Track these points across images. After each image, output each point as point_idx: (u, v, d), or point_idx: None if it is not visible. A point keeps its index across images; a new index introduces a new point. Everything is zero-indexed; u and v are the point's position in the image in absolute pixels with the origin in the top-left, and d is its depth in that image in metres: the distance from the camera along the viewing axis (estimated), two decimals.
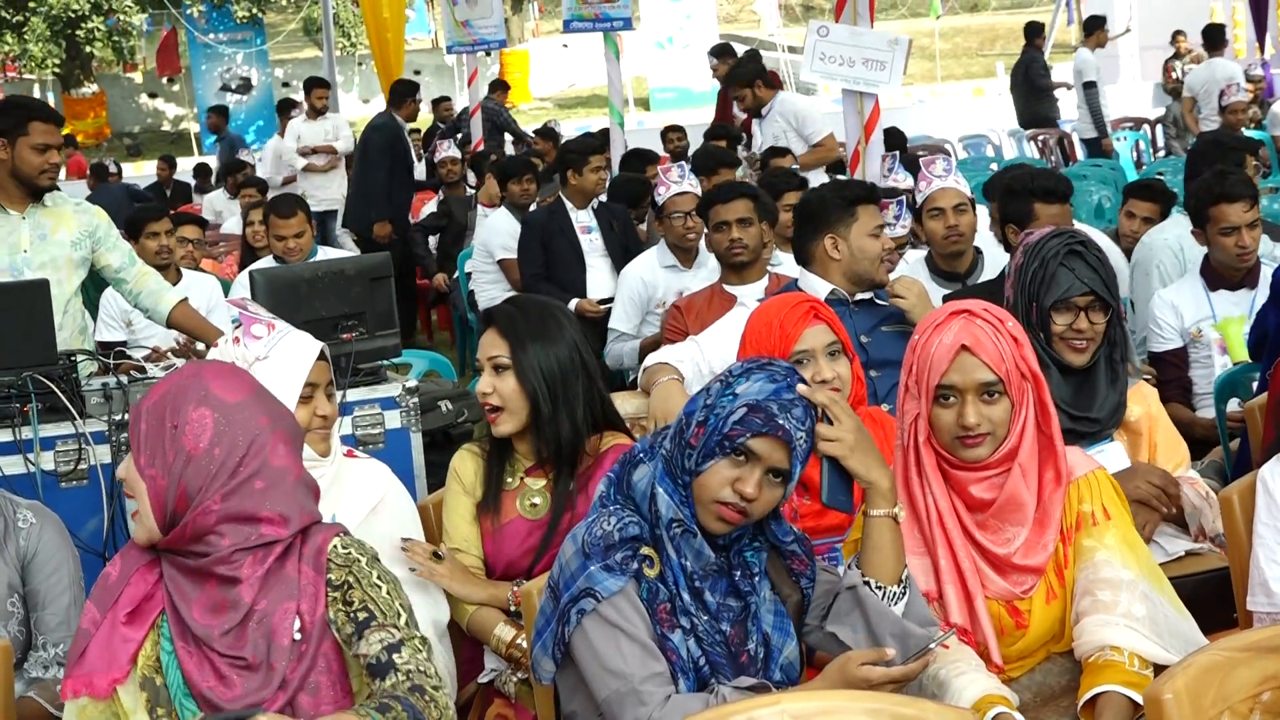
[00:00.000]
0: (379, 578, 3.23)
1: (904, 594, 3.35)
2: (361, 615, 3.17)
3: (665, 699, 3.19)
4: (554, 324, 4.24)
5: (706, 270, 7.82)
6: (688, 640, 3.29)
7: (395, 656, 3.10)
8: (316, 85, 16.55)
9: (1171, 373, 6.23)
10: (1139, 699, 3.32)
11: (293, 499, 3.19)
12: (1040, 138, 18.34)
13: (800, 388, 3.28)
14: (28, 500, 4.24)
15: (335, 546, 3.22)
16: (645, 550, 3.28)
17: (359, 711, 2.86)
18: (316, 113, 16.32)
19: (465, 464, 4.42)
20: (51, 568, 4.10)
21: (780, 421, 3.23)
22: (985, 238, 7.17)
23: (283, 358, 4.02)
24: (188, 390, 3.15)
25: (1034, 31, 19.03)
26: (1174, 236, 7.29)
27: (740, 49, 16.19)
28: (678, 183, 8.24)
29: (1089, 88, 16.99)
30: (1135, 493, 4.20)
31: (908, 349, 3.59)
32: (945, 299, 6.08)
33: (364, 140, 14.14)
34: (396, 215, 13.36)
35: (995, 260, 6.73)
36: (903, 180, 7.99)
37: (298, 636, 3.13)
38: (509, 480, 4.33)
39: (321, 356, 4.11)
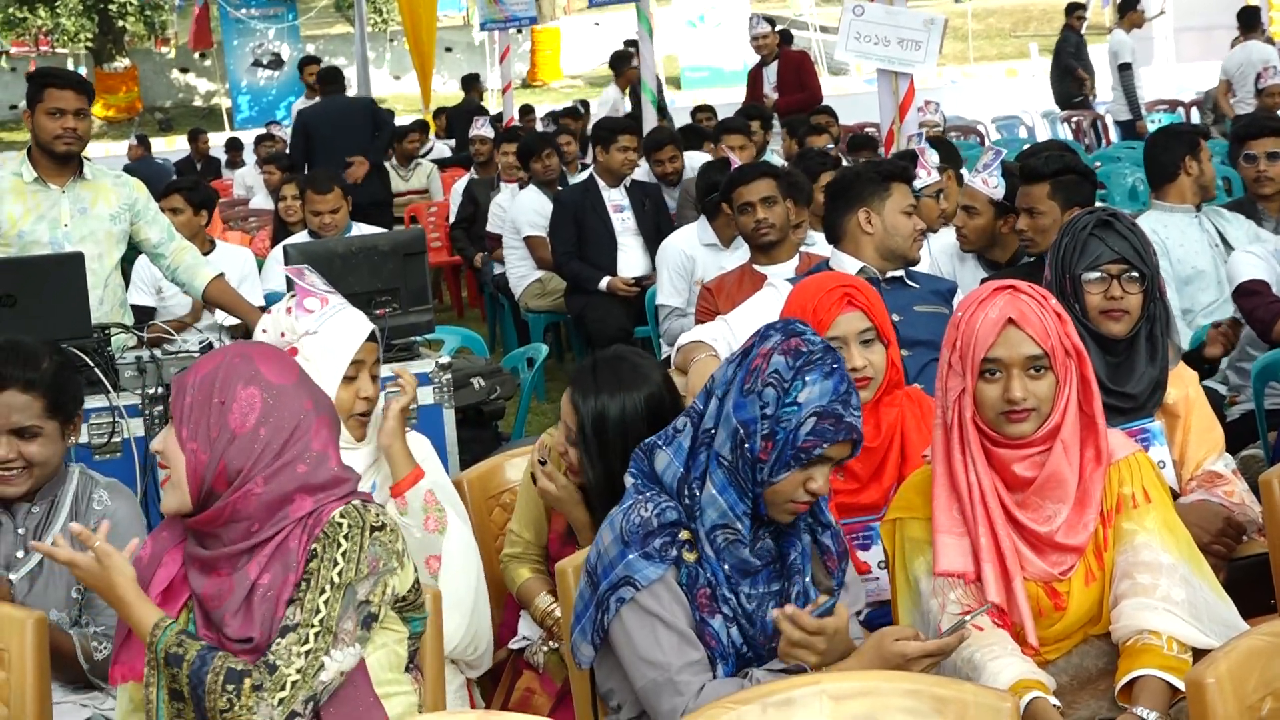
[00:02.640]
0: (344, 555, 3.15)
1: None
2: (304, 586, 3.12)
3: (701, 688, 3.19)
4: (629, 376, 4.06)
5: (745, 250, 7.79)
6: (729, 626, 3.29)
7: (279, 641, 3.08)
8: (311, 63, 16.47)
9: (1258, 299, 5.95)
10: (1176, 683, 3.30)
11: (327, 480, 3.20)
12: (1074, 119, 18.25)
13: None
14: (107, 479, 4.26)
15: (334, 516, 3.18)
16: (684, 535, 3.28)
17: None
18: (314, 91, 16.23)
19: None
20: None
21: (849, 420, 3.24)
22: None
23: (332, 334, 4.01)
24: (237, 368, 3.14)
25: (1073, 9, 18.90)
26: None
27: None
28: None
29: (1124, 70, 16.89)
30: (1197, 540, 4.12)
31: (949, 325, 3.56)
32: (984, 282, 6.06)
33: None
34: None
35: None
36: (932, 168, 7.93)
37: None
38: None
39: (371, 337, 4.09)
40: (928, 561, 3.53)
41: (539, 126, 18.14)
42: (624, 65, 14.70)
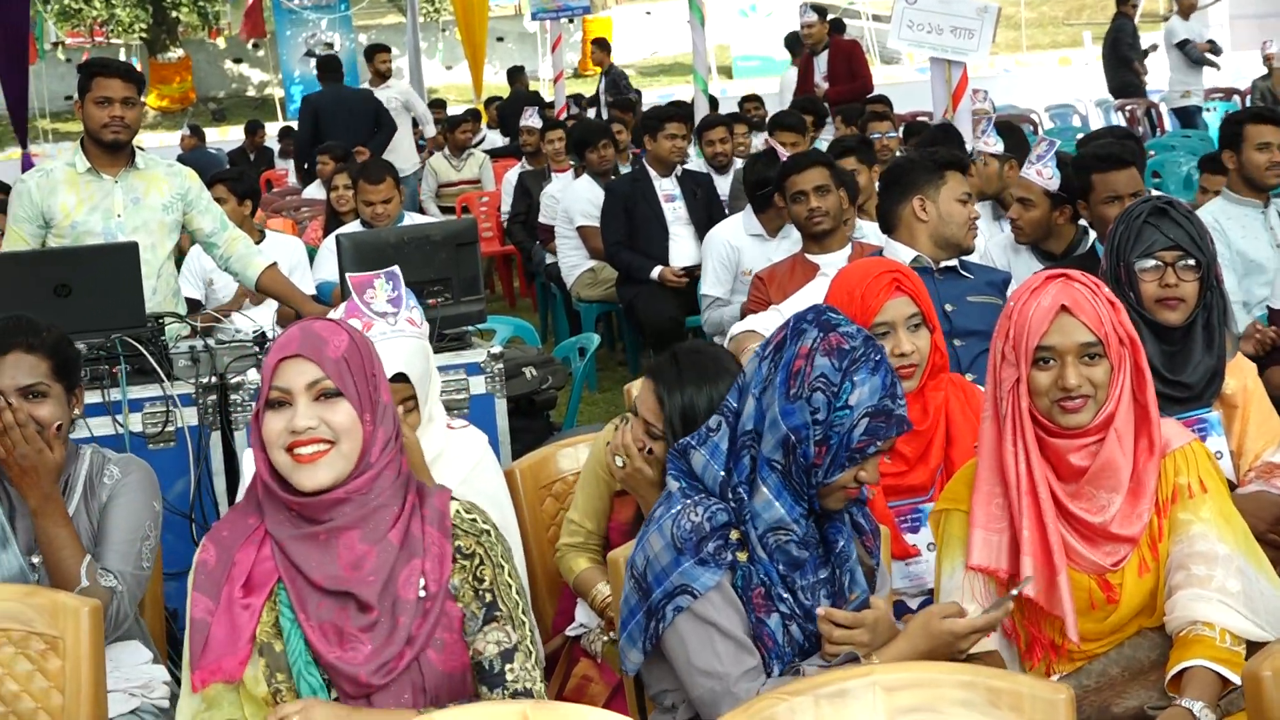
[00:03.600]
0: (502, 556, 3.26)
1: None
2: (488, 598, 3.20)
3: (757, 695, 3.18)
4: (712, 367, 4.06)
5: (790, 241, 7.76)
6: (787, 624, 3.28)
7: (507, 668, 3.18)
8: (378, 51, 16.52)
9: None
10: (1229, 675, 3.28)
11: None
12: (1128, 108, 18.14)
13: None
14: (121, 456, 4.26)
15: (459, 512, 3.25)
16: (734, 535, 3.26)
17: None
18: (381, 78, 16.28)
19: None
20: (115, 506, 4.12)
21: (898, 414, 3.24)
22: None
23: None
24: (366, 343, 3.21)
25: None
26: None
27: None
28: None
29: (1182, 44, 16.85)
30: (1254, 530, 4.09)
31: (1002, 315, 3.53)
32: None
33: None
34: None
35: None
36: (993, 144, 7.89)
37: (422, 594, 3.14)
38: None
39: (401, 378, 4.08)
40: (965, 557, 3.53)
41: (604, 114, 18.10)
42: (798, 47, 14.76)
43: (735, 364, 4.07)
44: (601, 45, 21.59)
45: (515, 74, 22.61)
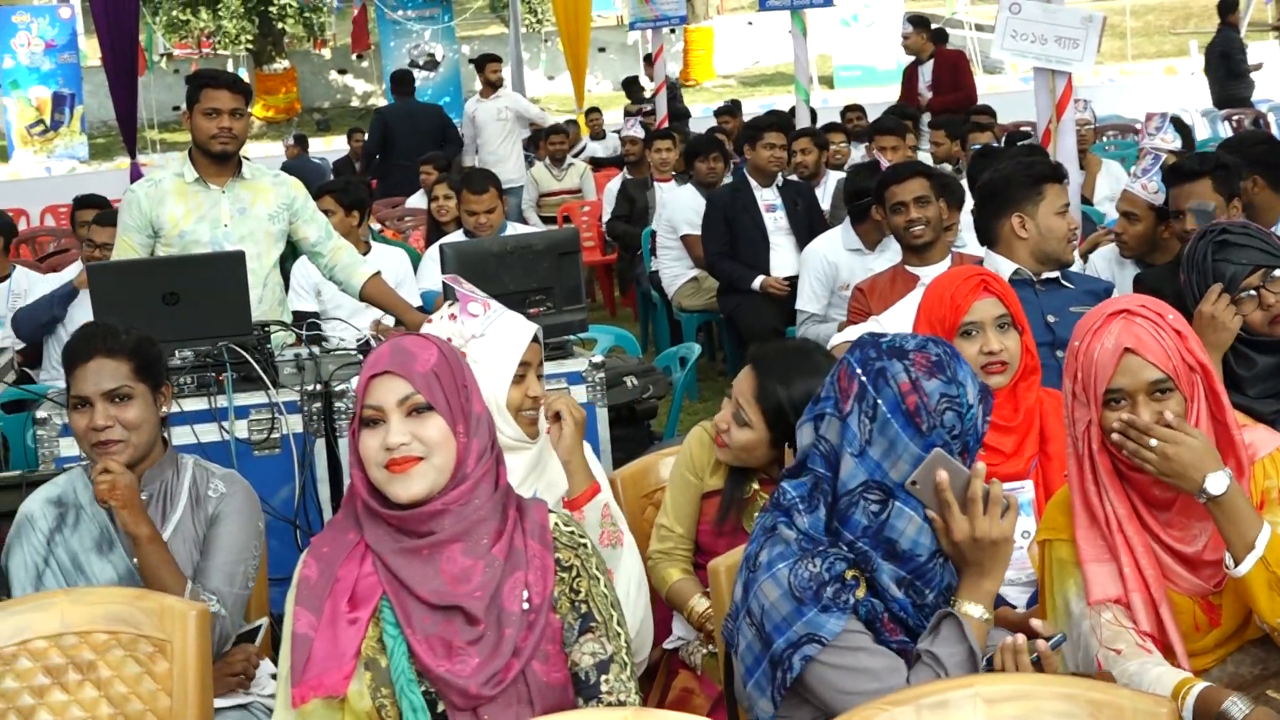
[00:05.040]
0: (597, 568, 3.27)
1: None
2: (584, 609, 3.22)
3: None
4: (810, 363, 4.19)
5: (890, 253, 7.71)
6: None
7: (602, 679, 3.19)
8: (489, 61, 16.63)
9: None
10: None
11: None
12: (1235, 118, 17.93)
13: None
14: (224, 470, 4.32)
15: (558, 525, 3.26)
16: (850, 574, 3.21)
17: None
18: (491, 88, 16.38)
19: (702, 447, 4.43)
20: (223, 525, 4.19)
21: (985, 384, 3.23)
22: None
23: (499, 336, 4.04)
24: (456, 355, 3.23)
25: (1227, 8, 18.52)
26: None
27: None
28: None
29: None
30: None
31: (1068, 355, 3.49)
32: (1135, 280, 6.00)
33: None
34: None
35: None
36: (1170, 141, 7.73)
37: (525, 606, 3.15)
38: (745, 487, 4.33)
39: (535, 339, 4.12)
40: (1078, 583, 3.48)
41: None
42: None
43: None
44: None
45: (630, 84, 22.74)
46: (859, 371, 3.19)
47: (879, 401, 3.15)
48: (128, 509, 4.00)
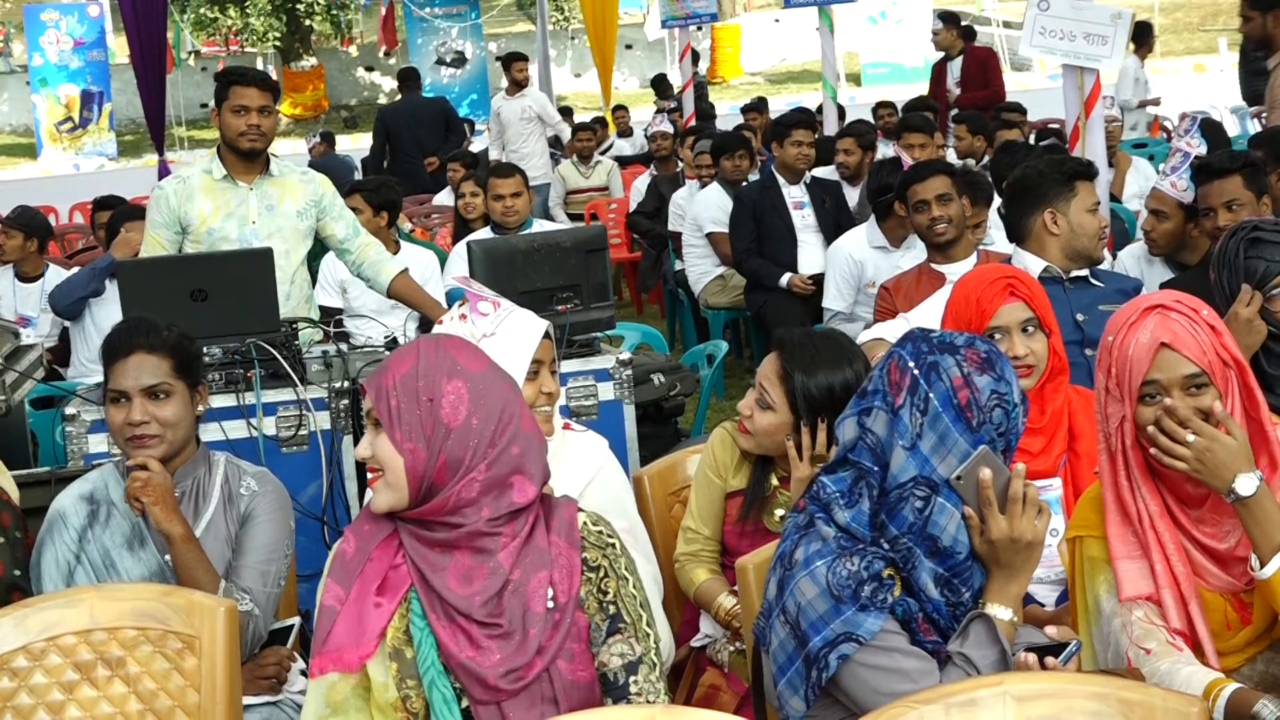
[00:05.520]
0: (626, 568, 3.27)
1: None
2: (612, 610, 3.22)
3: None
4: (834, 347, 4.23)
5: (915, 251, 7.70)
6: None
7: (631, 680, 3.18)
8: (515, 59, 16.65)
9: None
10: None
11: (540, 461, 3.23)
12: (1263, 115, 17.83)
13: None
14: (256, 468, 4.33)
15: (586, 524, 3.26)
16: (887, 572, 3.20)
17: None
18: (517, 86, 16.39)
19: (724, 447, 4.45)
20: (256, 524, 4.20)
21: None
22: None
23: (510, 334, 4.03)
24: (435, 364, 3.16)
25: None
26: None
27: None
28: None
29: None
30: None
31: (1100, 350, 3.48)
32: (1163, 285, 5.97)
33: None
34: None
35: None
36: (1196, 146, 7.69)
37: (550, 605, 3.15)
38: (766, 484, 4.35)
39: (546, 335, 4.12)
40: (1109, 581, 3.46)
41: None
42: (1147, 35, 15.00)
43: (863, 359, 4.16)
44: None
45: (659, 83, 22.73)
46: (911, 365, 3.18)
47: (931, 395, 3.14)
48: (160, 506, 4.00)
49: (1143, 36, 16.99)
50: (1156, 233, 6.51)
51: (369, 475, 3.14)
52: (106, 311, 7.90)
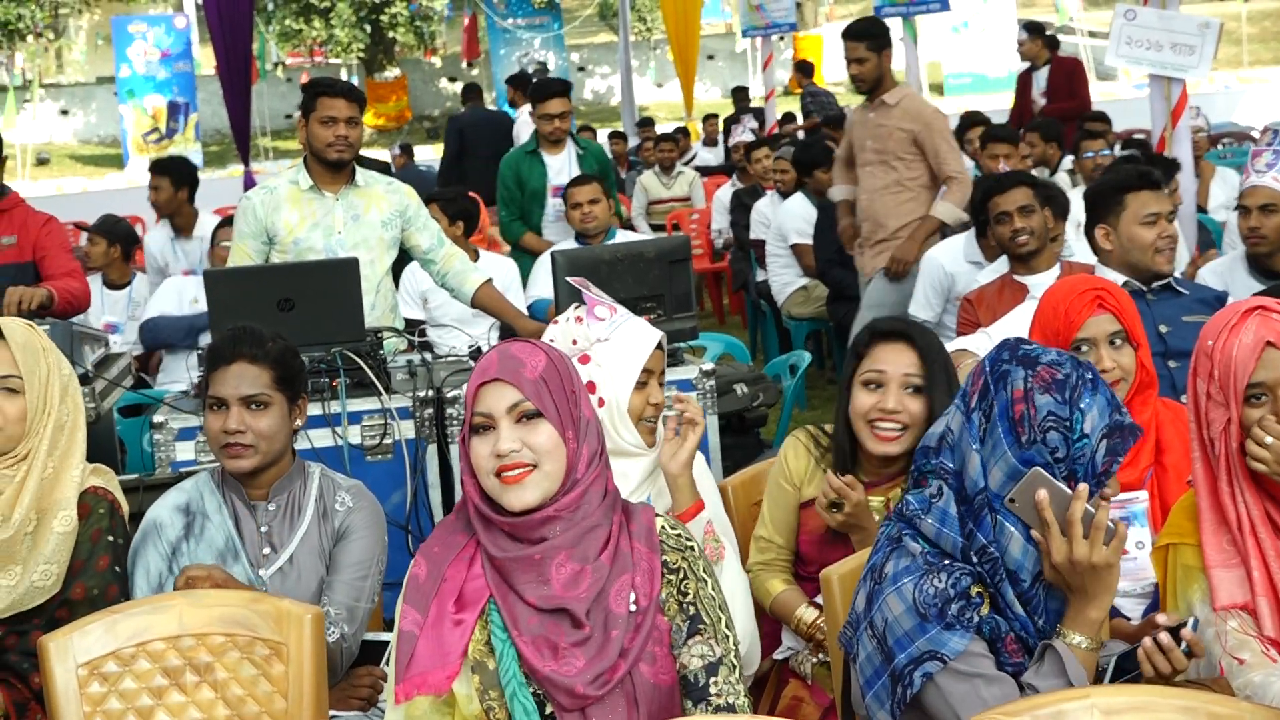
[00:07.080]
0: (705, 570, 3.27)
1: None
2: (691, 611, 3.21)
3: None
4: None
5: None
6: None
7: (711, 681, 3.18)
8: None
9: None
10: None
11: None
12: None
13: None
14: (350, 481, 4.34)
15: (664, 528, 3.26)
16: (975, 590, 3.19)
17: None
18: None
19: (797, 456, 4.43)
20: (351, 540, 4.20)
21: (1129, 424, 3.14)
22: None
23: (624, 341, 4.02)
24: (562, 359, 3.22)
25: None
26: None
27: None
28: None
29: None
30: None
31: (1199, 354, 3.44)
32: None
33: None
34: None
35: None
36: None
37: (633, 608, 3.15)
38: None
39: (659, 345, 4.11)
40: (1203, 589, 3.42)
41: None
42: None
43: (952, 368, 4.15)
44: (801, 68, 21.65)
45: (739, 94, 22.74)
46: (987, 370, 3.20)
47: (994, 403, 3.15)
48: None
49: None
50: (1265, 228, 6.37)
51: (506, 474, 3.12)
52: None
